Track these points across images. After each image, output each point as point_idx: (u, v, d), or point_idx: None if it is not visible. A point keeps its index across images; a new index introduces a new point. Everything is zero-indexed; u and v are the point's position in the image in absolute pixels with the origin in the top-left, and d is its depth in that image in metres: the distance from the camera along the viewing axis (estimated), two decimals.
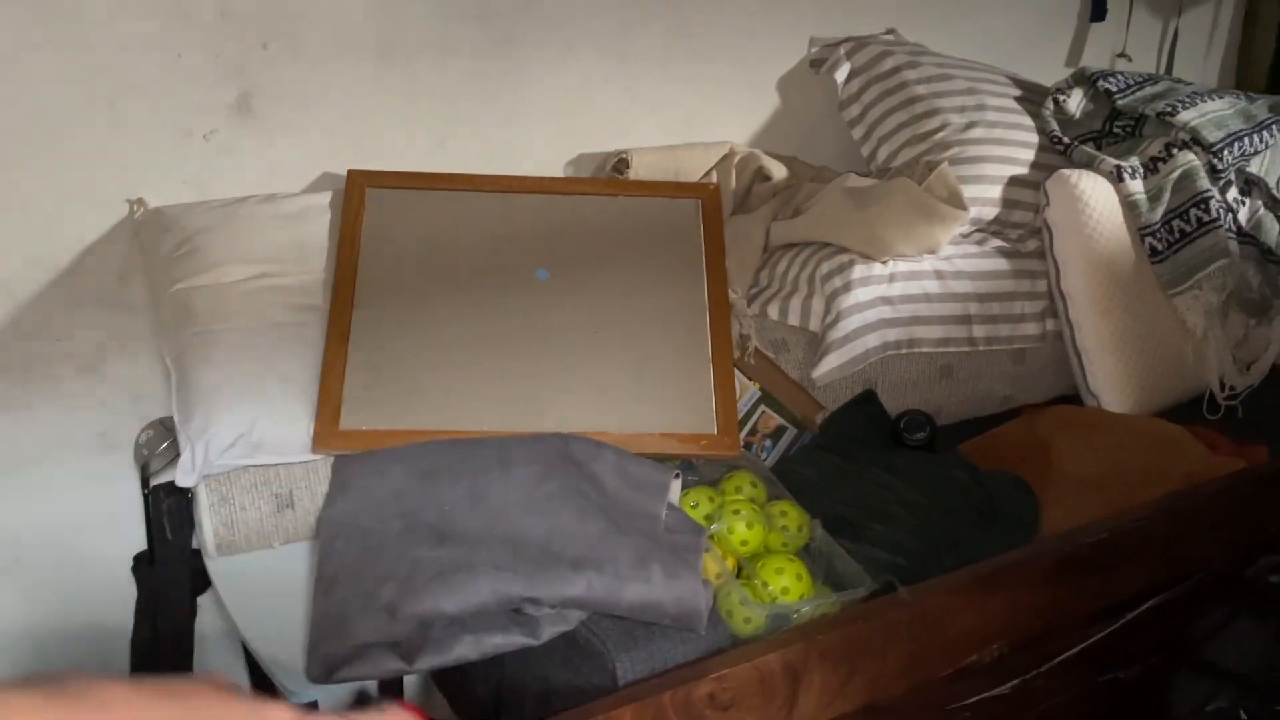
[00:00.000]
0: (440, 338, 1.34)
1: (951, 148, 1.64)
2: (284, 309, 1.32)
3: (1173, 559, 1.26)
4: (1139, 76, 1.78)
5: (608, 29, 1.68)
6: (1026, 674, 1.16)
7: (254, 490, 1.25)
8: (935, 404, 1.59)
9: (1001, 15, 2.00)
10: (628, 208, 1.53)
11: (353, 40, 1.50)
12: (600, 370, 1.36)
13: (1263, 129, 1.68)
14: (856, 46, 1.81)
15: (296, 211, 1.43)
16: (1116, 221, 1.60)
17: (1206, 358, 1.61)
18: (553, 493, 1.18)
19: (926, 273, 1.57)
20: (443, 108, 1.59)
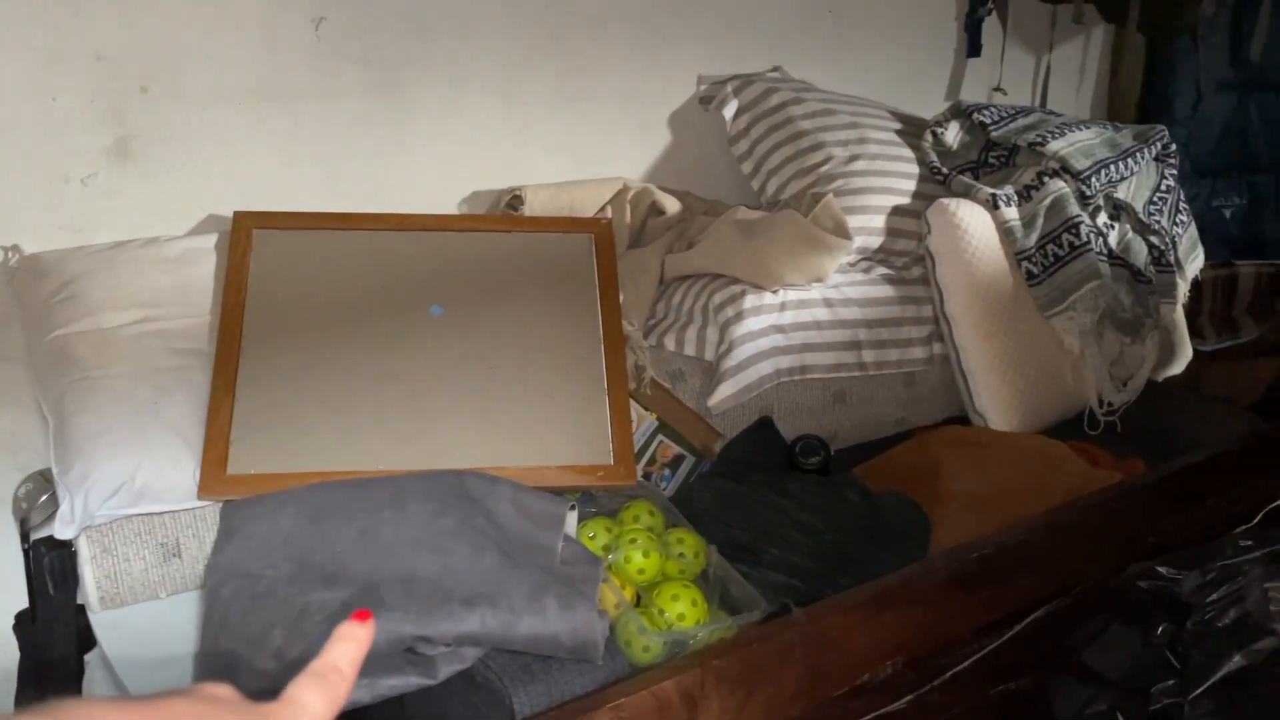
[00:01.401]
0: (331, 378, 1.32)
1: (836, 180, 1.69)
2: (167, 353, 1.29)
3: (1056, 571, 1.30)
4: (1012, 109, 1.86)
5: (495, 69, 1.69)
6: (921, 689, 1.18)
7: (138, 540, 1.22)
8: (830, 428, 1.63)
9: (883, 52, 2.08)
10: (521, 244, 1.54)
11: (235, 82, 1.49)
12: (496, 405, 1.35)
13: (1127, 156, 1.77)
14: (743, 84, 1.86)
15: (180, 254, 1.40)
16: (994, 247, 1.66)
17: (1084, 376, 1.68)
18: (447, 529, 1.17)
19: (816, 301, 1.61)
20: (330, 148, 1.59)
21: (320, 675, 0.46)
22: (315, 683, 0.45)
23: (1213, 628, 0.94)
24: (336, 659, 0.47)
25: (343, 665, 0.47)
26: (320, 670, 0.46)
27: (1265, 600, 0.94)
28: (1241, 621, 0.94)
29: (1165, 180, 1.84)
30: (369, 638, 0.49)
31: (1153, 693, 0.96)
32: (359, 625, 0.48)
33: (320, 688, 0.45)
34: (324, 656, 0.47)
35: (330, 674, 0.46)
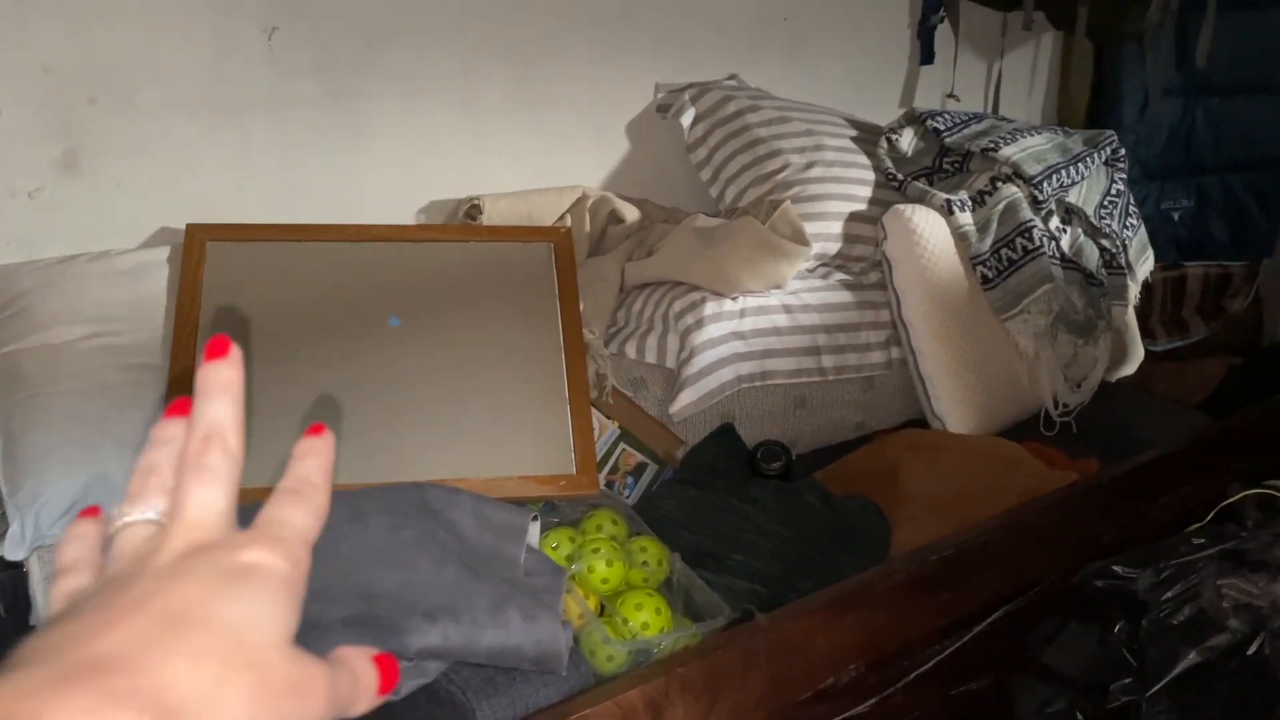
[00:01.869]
0: (288, 392, 1.31)
1: (793, 187, 1.70)
2: (119, 369, 1.27)
3: (1015, 571, 1.32)
4: (965, 115, 1.88)
5: (452, 78, 1.69)
6: (884, 691, 1.19)
7: None
8: (791, 434, 1.64)
9: (838, 60, 2.09)
10: (480, 253, 1.53)
11: (186, 93, 1.47)
12: (456, 416, 1.35)
13: (1078, 161, 1.80)
14: (700, 92, 1.87)
15: (131, 268, 1.38)
16: (950, 252, 1.68)
17: (1039, 378, 1.70)
18: (407, 543, 1.16)
19: (775, 307, 1.62)
20: (285, 159, 1.57)
21: (292, 490, 0.41)
22: (290, 498, 0.40)
23: (1168, 625, 0.96)
24: (304, 472, 0.42)
25: (313, 476, 0.42)
26: (291, 486, 0.41)
27: (1219, 597, 0.96)
28: (1196, 618, 0.96)
29: (1115, 184, 1.87)
30: (331, 449, 0.43)
31: (1111, 690, 0.97)
32: (317, 438, 0.43)
33: (296, 501, 0.40)
34: (290, 474, 0.41)
35: (302, 486, 0.41)
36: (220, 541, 0.37)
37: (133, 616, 0.33)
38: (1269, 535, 1.00)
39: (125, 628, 0.33)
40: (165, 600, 0.34)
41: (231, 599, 0.35)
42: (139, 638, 0.33)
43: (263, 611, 0.35)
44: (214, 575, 0.35)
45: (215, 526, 0.38)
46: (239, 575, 0.36)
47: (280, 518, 0.39)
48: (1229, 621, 0.94)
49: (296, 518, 0.40)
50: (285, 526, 0.39)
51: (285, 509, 0.40)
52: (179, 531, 0.37)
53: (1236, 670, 0.92)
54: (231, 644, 0.34)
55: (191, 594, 0.34)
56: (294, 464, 0.42)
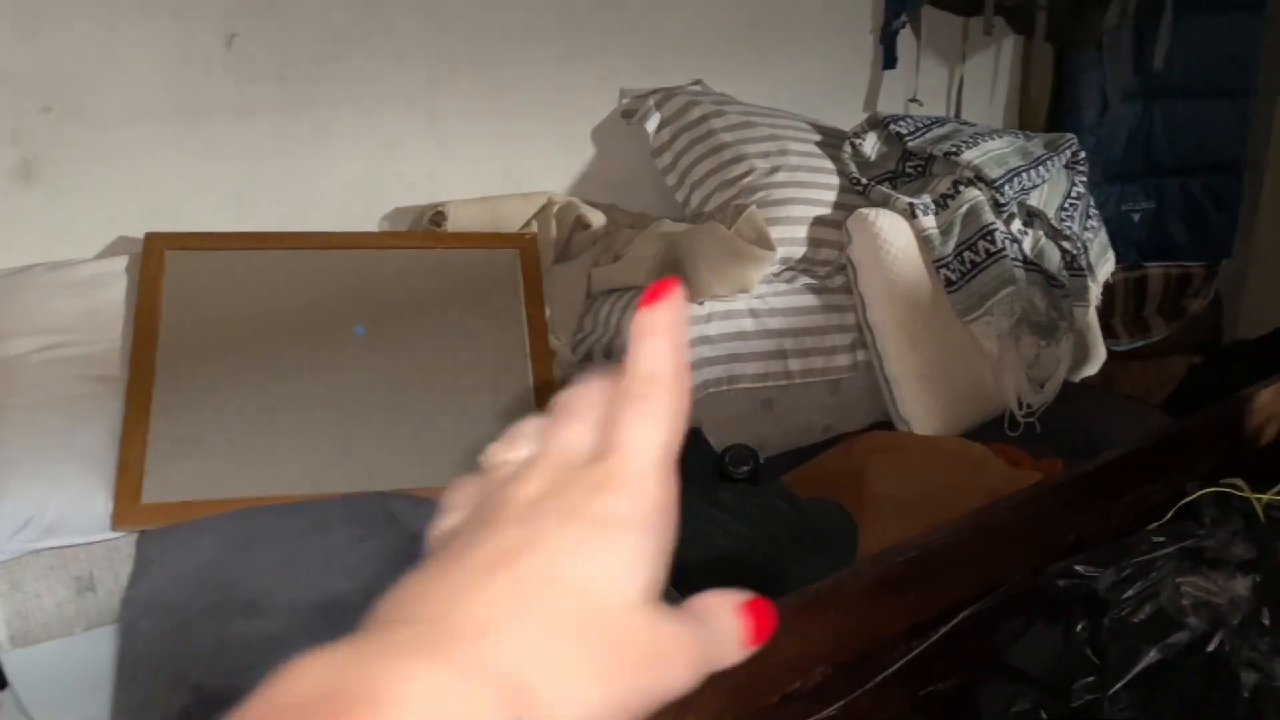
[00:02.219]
0: (250, 402, 1.30)
1: (758, 191, 1.70)
2: (76, 380, 1.25)
3: (980, 571, 1.33)
4: (927, 119, 1.90)
5: (414, 85, 1.68)
6: (851, 694, 1.19)
7: (50, 574, 1.18)
8: (759, 437, 1.64)
9: (801, 65, 2.10)
10: (445, 260, 1.53)
11: (144, 101, 1.45)
12: (422, 425, 1.34)
13: (1039, 164, 1.82)
14: (665, 97, 1.87)
15: (88, 278, 1.36)
16: (914, 256, 1.69)
17: (1003, 379, 1.72)
18: (372, 554, 1.15)
19: (741, 311, 1.63)
20: (246, 167, 1.56)
21: (639, 396, 0.32)
22: (637, 409, 0.32)
23: (1129, 623, 0.97)
24: (650, 365, 0.33)
25: (660, 369, 0.33)
26: (636, 390, 0.32)
27: (1178, 595, 0.97)
28: (1156, 616, 0.96)
29: (1075, 187, 1.89)
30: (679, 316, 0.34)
31: (1073, 689, 0.98)
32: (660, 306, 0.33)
33: (644, 412, 0.32)
34: (633, 371, 0.33)
35: (650, 389, 0.32)
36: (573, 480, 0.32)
37: (488, 579, 0.30)
38: (1226, 533, 1.02)
39: (479, 593, 0.30)
40: (521, 561, 0.30)
41: (586, 558, 0.30)
42: (493, 604, 0.29)
43: (619, 569, 0.31)
44: (569, 528, 0.31)
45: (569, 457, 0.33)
46: (593, 529, 0.31)
47: (632, 441, 0.32)
48: (1188, 619, 0.95)
49: (649, 435, 0.32)
50: (639, 454, 0.32)
51: (637, 427, 0.32)
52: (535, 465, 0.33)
53: (1196, 667, 0.93)
54: (586, 611, 0.30)
55: (548, 552, 0.30)
56: (638, 353, 0.33)
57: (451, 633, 0.29)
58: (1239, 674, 0.91)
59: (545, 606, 0.30)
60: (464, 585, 0.30)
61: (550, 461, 0.33)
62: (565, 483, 0.32)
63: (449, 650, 0.28)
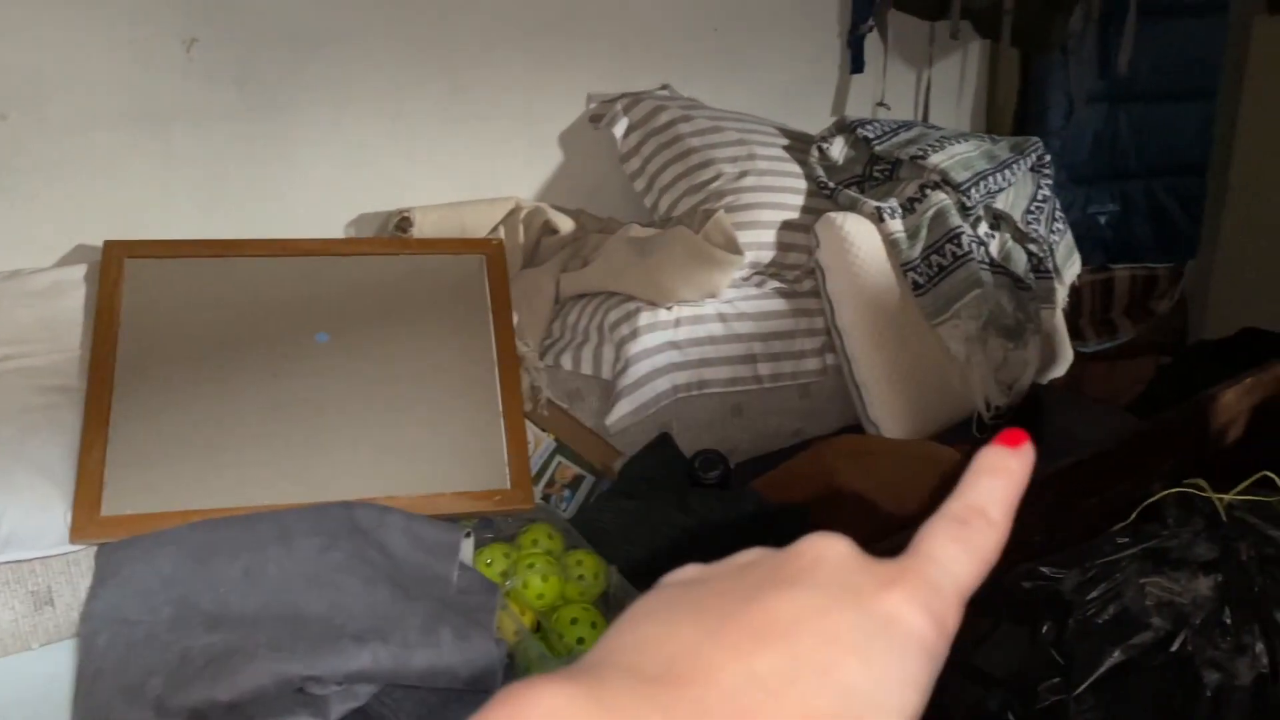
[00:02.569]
0: (212, 411, 1.28)
1: (726, 196, 1.70)
2: (33, 391, 1.23)
3: None
4: (894, 123, 1.90)
5: (380, 88, 1.66)
6: None
7: (6, 589, 1.15)
8: (729, 442, 1.64)
9: (769, 69, 2.11)
10: (411, 266, 1.51)
11: (104, 106, 1.44)
12: (387, 433, 1.33)
13: (1005, 168, 1.82)
14: (633, 102, 1.87)
15: (46, 287, 1.34)
16: (881, 259, 1.70)
17: (971, 382, 1.72)
18: (336, 564, 1.14)
19: (710, 316, 1.62)
20: (207, 173, 1.54)
21: (960, 520, 0.31)
22: (956, 531, 0.31)
23: (1093, 624, 0.97)
24: (982, 499, 0.32)
25: (990, 508, 0.32)
26: (960, 514, 0.31)
27: (1142, 595, 0.98)
28: (1120, 617, 0.97)
29: (1041, 190, 1.90)
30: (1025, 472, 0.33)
31: (1040, 691, 0.98)
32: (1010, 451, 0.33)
33: (962, 537, 0.31)
34: (963, 496, 0.32)
35: (974, 519, 0.31)
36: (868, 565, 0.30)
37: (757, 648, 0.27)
38: (1189, 533, 1.02)
39: (736, 666, 0.27)
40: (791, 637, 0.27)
41: (861, 659, 0.27)
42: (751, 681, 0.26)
43: (893, 685, 0.27)
44: (851, 613, 0.28)
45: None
46: (879, 627, 0.28)
47: (938, 556, 0.30)
48: (1152, 619, 0.95)
49: (959, 561, 0.31)
50: (942, 571, 0.30)
51: (947, 545, 0.31)
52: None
53: (1160, 667, 0.93)
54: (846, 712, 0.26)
55: (821, 634, 0.27)
56: (971, 482, 0.33)
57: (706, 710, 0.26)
58: (1202, 674, 0.92)
59: (801, 699, 0.26)
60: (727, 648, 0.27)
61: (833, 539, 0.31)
62: (852, 562, 0.30)
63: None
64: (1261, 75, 2.63)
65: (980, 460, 0.33)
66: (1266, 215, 2.67)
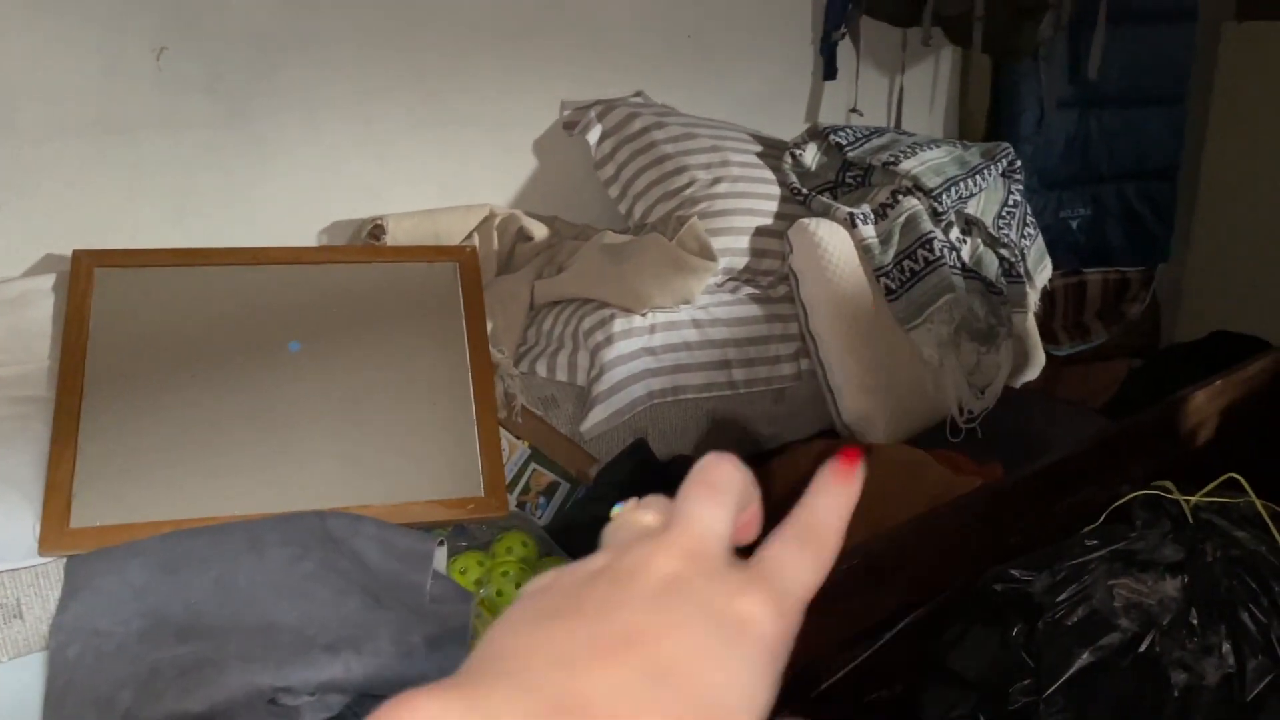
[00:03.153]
0: (183, 421, 1.27)
1: (700, 203, 1.71)
2: (2, 403, 1.22)
3: (923, 577, 1.34)
4: (866, 130, 1.91)
5: (351, 95, 1.66)
6: (795, 702, 1.20)
7: None
8: (704, 448, 1.63)
9: (742, 76, 2.11)
10: (384, 274, 1.51)
11: (71, 115, 1.42)
12: (360, 442, 1.32)
13: (976, 173, 1.84)
14: (606, 109, 1.87)
15: (13, 297, 1.33)
16: (854, 265, 1.71)
17: (944, 385, 1.73)
18: (308, 573, 1.13)
19: (685, 322, 1.63)
20: (176, 182, 1.53)
21: (805, 532, 0.34)
22: (801, 543, 0.33)
23: (1063, 626, 0.98)
24: (821, 512, 0.34)
25: (829, 519, 0.35)
26: (804, 528, 0.34)
27: (1110, 597, 0.98)
28: (1089, 619, 0.98)
29: (1012, 195, 1.92)
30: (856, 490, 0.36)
31: (1011, 693, 0.99)
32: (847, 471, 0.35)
33: (806, 548, 0.34)
34: (805, 510, 0.34)
35: (816, 532, 0.34)
36: (716, 574, 0.32)
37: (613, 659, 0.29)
38: (1156, 535, 1.03)
39: (602, 674, 0.28)
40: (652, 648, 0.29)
41: (717, 659, 0.30)
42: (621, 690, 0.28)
43: (743, 680, 0.30)
44: (704, 623, 0.30)
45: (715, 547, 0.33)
46: (730, 628, 0.30)
47: (784, 564, 0.33)
48: (1120, 621, 0.96)
49: (803, 570, 0.33)
50: (788, 578, 0.33)
51: (793, 555, 0.33)
52: (677, 540, 0.32)
53: (1128, 668, 0.94)
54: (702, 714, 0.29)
55: (680, 644, 0.30)
56: (812, 499, 0.35)
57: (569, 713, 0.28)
58: (1169, 674, 0.93)
59: (665, 705, 0.28)
60: (587, 659, 0.29)
61: (688, 541, 0.32)
62: (706, 573, 0.31)
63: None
64: (1230, 80, 2.66)
65: (821, 478, 0.35)
66: (1237, 219, 2.71)
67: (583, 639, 0.29)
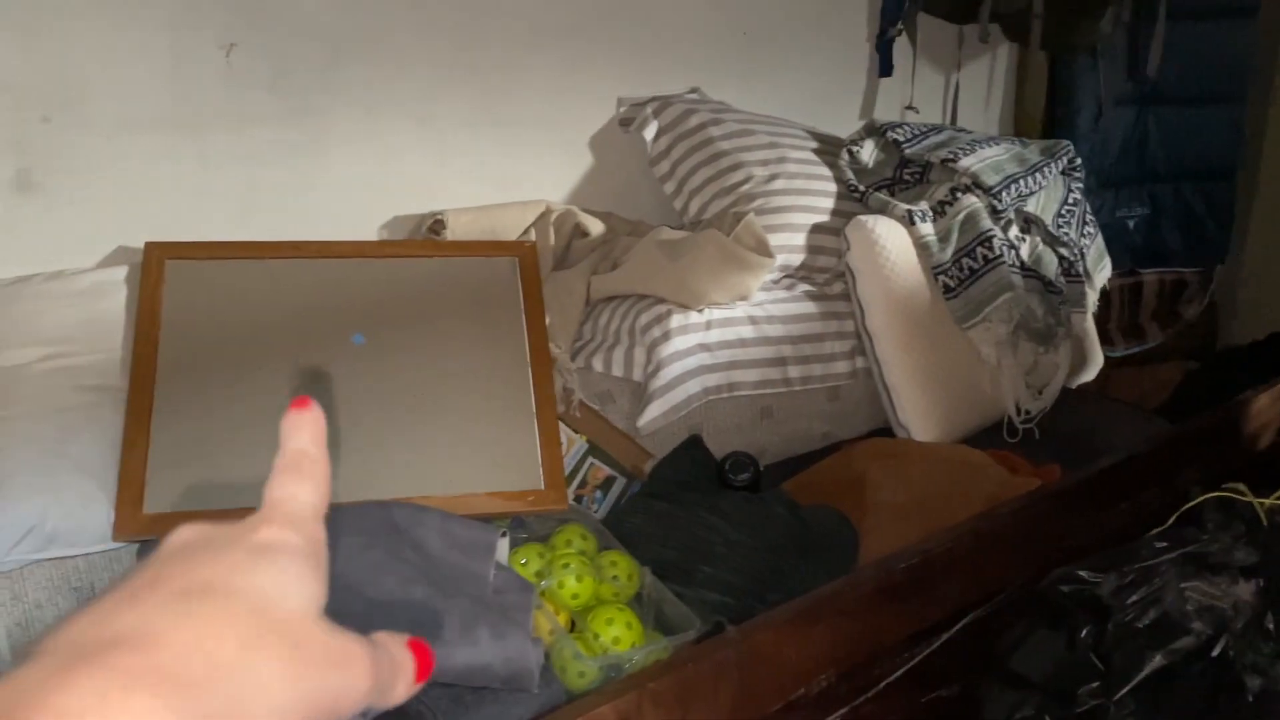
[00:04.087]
0: (251, 412, 1.29)
1: (757, 199, 1.71)
2: (76, 391, 1.25)
3: (981, 577, 1.33)
4: (924, 127, 1.90)
5: (412, 92, 1.68)
6: (854, 701, 1.19)
7: (50, 586, 1.17)
8: (758, 445, 1.64)
9: (798, 72, 2.11)
10: (444, 269, 1.52)
11: (142, 111, 1.45)
12: (422, 434, 1.34)
13: (1036, 171, 1.82)
14: (662, 105, 1.88)
15: (87, 288, 1.36)
16: (912, 262, 1.70)
17: (1002, 385, 1.72)
18: (374, 563, 1.14)
19: (741, 319, 1.63)
20: (243, 176, 1.55)
21: (293, 467, 0.40)
22: (292, 475, 0.39)
23: (1133, 629, 0.97)
24: (299, 444, 0.40)
25: (309, 448, 0.40)
26: (290, 462, 0.40)
27: (1182, 600, 0.97)
28: (1160, 622, 0.97)
29: (1072, 193, 1.90)
30: (320, 419, 0.42)
31: (1078, 695, 0.98)
32: (304, 411, 0.41)
33: (298, 478, 0.39)
34: (285, 451, 0.40)
35: (301, 461, 0.40)
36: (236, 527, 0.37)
37: (147, 595, 0.32)
38: (1229, 538, 1.02)
39: (139, 607, 0.32)
40: (183, 578, 0.33)
41: (253, 572, 0.34)
42: (153, 614, 0.31)
43: (288, 583, 0.35)
44: (232, 554, 0.35)
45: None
46: (258, 552, 0.35)
47: (286, 495, 0.39)
48: (1192, 624, 0.95)
49: (303, 493, 0.39)
50: (293, 502, 0.39)
51: (290, 486, 0.39)
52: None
53: (1201, 672, 0.93)
54: (257, 611, 0.33)
55: (212, 570, 0.34)
56: (287, 440, 0.41)
57: (112, 644, 0.30)
58: (1244, 679, 0.92)
59: (213, 612, 0.32)
60: (122, 605, 0.32)
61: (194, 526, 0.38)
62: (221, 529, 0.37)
63: (112, 659, 0.29)
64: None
65: (287, 422, 0.41)
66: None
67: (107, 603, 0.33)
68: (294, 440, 0.41)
